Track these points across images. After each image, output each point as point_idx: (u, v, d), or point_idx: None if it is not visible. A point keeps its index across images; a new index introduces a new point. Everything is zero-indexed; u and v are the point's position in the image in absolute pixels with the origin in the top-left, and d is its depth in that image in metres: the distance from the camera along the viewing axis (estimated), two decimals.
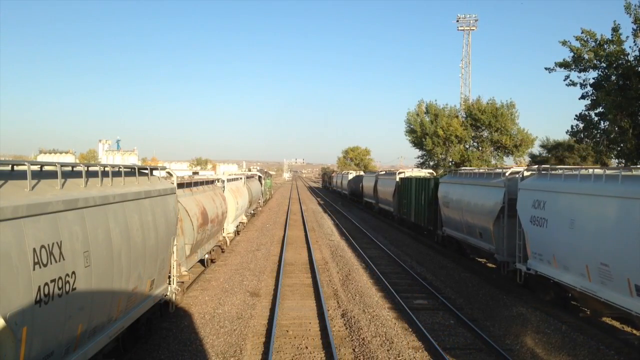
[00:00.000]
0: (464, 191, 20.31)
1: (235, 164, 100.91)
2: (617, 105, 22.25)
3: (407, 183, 32.24)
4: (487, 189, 18.00)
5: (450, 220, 22.08)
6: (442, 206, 22.99)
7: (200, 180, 19.25)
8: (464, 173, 21.60)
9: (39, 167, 6.75)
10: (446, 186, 22.99)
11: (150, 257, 9.42)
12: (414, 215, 30.25)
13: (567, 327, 12.19)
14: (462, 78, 64.87)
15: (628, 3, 22.14)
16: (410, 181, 31.45)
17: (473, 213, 18.94)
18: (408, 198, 31.56)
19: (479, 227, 18.39)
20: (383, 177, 42.28)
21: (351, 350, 10.76)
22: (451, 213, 21.74)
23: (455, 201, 21.17)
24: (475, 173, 20.30)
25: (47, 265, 5.80)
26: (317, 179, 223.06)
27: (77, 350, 6.79)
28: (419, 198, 28.95)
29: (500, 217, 16.56)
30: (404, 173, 36.11)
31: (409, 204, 31.49)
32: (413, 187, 30.29)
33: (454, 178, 22.57)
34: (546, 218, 13.45)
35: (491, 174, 18.50)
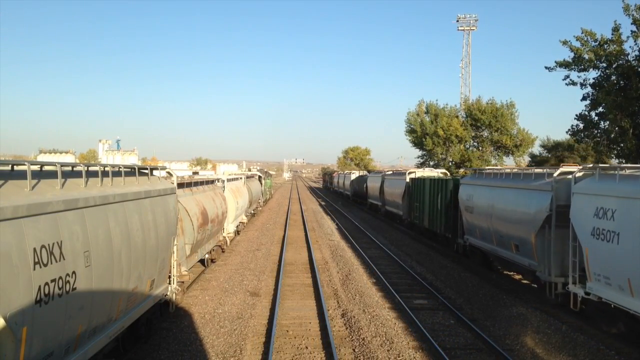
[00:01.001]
0: (493, 194, 17.25)
1: (235, 164, 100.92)
2: (617, 105, 22.26)
3: (419, 184, 28.85)
4: (527, 192, 15.04)
5: (475, 228, 19.12)
6: (464, 211, 20.03)
7: (201, 180, 19.25)
8: (494, 173, 18.40)
9: (39, 167, 6.75)
10: (469, 188, 19.96)
11: (150, 257, 9.42)
12: (427, 220, 26.85)
13: (567, 327, 12.18)
14: (462, 78, 64.95)
15: (627, 4, 22.18)
16: (423, 182, 27.99)
17: (507, 221, 16.08)
18: (420, 201, 28.13)
19: (515, 238, 15.47)
20: (391, 178, 38.56)
21: (351, 350, 10.76)
22: (476, 220, 18.86)
23: (481, 206, 18.20)
24: (509, 173, 17.25)
25: (48, 265, 5.80)
26: (317, 178, 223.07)
27: (77, 350, 6.79)
28: (433, 201, 25.54)
29: (545, 227, 13.76)
30: (414, 173, 32.55)
31: (421, 207, 28.10)
32: (427, 188, 26.98)
33: (480, 179, 19.32)
34: (617, 231, 10.64)
35: (530, 175, 15.72)
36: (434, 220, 25.66)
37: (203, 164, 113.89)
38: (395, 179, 36.26)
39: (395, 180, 36.09)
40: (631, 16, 22.25)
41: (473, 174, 20.88)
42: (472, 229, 19.56)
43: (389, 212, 38.56)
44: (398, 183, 34.66)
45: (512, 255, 15.95)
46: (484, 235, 18.19)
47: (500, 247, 16.81)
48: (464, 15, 65.41)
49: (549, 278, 13.76)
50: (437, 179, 26.21)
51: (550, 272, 13.74)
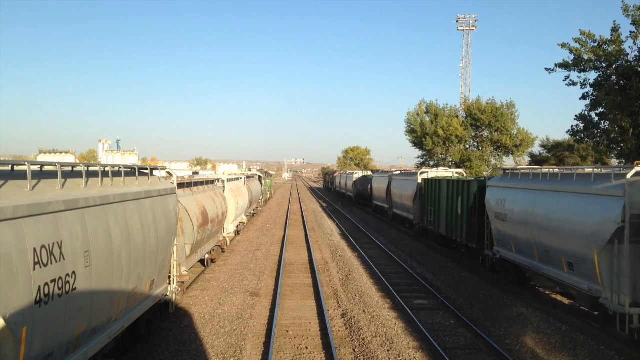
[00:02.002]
0: (535, 200, 14.38)
1: (236, 164, 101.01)
2: (617, 105, 22.27)
3: (433, 186, 25.83)
4: (585, 198, 12.22)
5: (508, 238, 16.25)
6: (494, 219, 17.21)
7: (201, 180, 19.26)
8: (534, 174, 15.51)
9: (39, 167, 6.75)
10: (500, 191, 16.97)
11: (150, 257, 9.42)
12: (445, 226, 23.67)
13: (567, 327, 12.18)
14: (462, 78, 64.99)
15: (626, 5, 22.20)
16: (439, 184, 24.92)
17: (554, 232, 13.20)
18: (436, 204, 25.06)
19: (568, 254, 12.61)
20: (399, 178, 35.43)
21: (351, 351, 10.76)
22: (509, 229, 16.00)
23: (517, 213, 15.33)
24: (555, 174, 14.27)
25: (48, 265, 5.80)
26: (317, 178, 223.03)
27: (77, 350, 6.79)
28: (452, 205, 22.37)
29: (614, 242, 10.96)
30: (427, 173, 29.55)
31: (436, 211, 25.00)
32: (443, 191, 23.93)
33: (514, 181, 16.38)
34: None
35: (588, 176, 12.75)
36: (453, 227, 22.44)
37: (203, 164, 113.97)
38: (405, 180, 33.18)
39: (405, 181, 33.04)
40: (631, 16, 22.26)
41: (504, 174, 17.89)
42: (504, 239, 16.63)
43: (397, 216, 35.57)
44: (408, 184, 31.64)
45: (561, 274, 13.05)
46: (521, 248, 15.33)
47: (545, 263, 13.91)
48: (463, 16, 65.54)
49: (619, 308, 10.86)
50: (457, 180, 22.77)
51: (621, 301, 10.88)
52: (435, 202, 25.13)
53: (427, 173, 29.59)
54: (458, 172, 30.73)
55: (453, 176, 26.91)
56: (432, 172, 29.96)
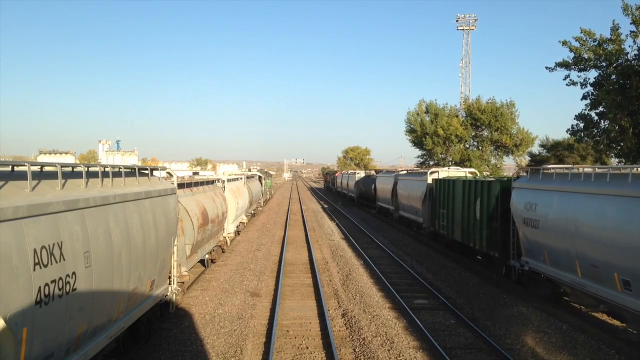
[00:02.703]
0: (577, 204, 12.47)
1: (236, 164, 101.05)
2: (617, 104, 22.27)
3: (446, 187, 23.61)
4: None
5: (540, 248, 14.19)
6: (522, 225, 15.16)
7: (201, 180, 19.26)
8: (574, 174, 13.47)
9: (39, 168, 6.75)
10: (529, 194, 14.95)
11: (150, 257, 9.42)
12: (460, 232, 21.54)
13: (567, 326, 12.18)
14: (462, 78, 65.01)
15: (626, 4, 22.20)
16: (453, 184, 22.75)
17: (606, 244, 11.20)
18: (448, 207, 22.97)
19: (624, 271, 10.65)
20: (406, 178, 33.10)
21: (352, 350, 10.76)
22: (543, 238, 13.99)
23: (554, 219, 13.34)
24: (602, 174, 12.11)
25: (48, 266, 5.80)
26: (317, 178, 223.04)
27: (78, 350, 6.79)
28: (469, 208, 20.31)
29: None
30: (437, 173, 27.49)
31: (450, 215, 22.82)
32: (458, 192, 21.77)
33: (547, 181, 14.33)
34: None
35: None
36: (470, 233, 20.31)
37: (203, 164, 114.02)
38: (413, 180, 30.96)
39: (413, 181, 30.81)
40: (630, 15, 22.27)
41: (533, 174, 15.71)
42: (535, 249, 14.57)
43: (404, 219, 33.43)
44: (416, 185, 29.50)
45: (613, 293, 11.14)
46: (558, 260, 13.33)
47: (590, 279, 11.95)
48: (463, 15, 65.64)
49: None
50: (475, 180, 20.72)
51: None
52: (448, 205, 23.03)
53: (438, 173, 27.53)
54: (471, 171, 28.82)
55: (466, 176, 25.17)
56: (442, 172, 27.89)
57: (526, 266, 15.25)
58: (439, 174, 27.02)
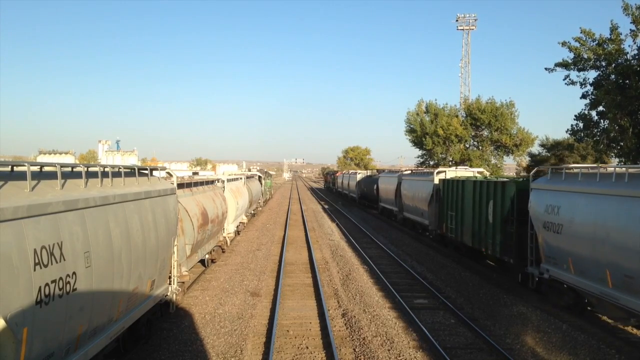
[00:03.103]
0: (607, 207, 11.42)
1: (235, 164, 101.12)
2: (616, 104, 22.28)
3: (455, 187, 22.34)
4: None
5: (563, 255, 13.13)
6: (541, 229, 14.04)
7: (201, 180, 19.27)
8: (603, 174, 12.36)
9: (39, 168, 6.75)
10: (550, 196, 13.85)
11: (150, 257, 9.43)
12: (470, 235, 20.29)
13: (567, 326, 12.18)
14: (461, 77, 65.07)
15: (626, 4, 22.22)
16: (462, 185, 21.52)
17: None
18: (457, 209, 21.67)
19: None
20: (411, 179, 31.61)
21: (352, 350, 10.76)
22: (567, 243, 12.86)
23: (580, 224, 12.34)
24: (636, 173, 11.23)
25: (48, 266, 5.80)
26: (317, 178, 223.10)
27: (78, 350, 6.79)
28: (480, 210, 19.10)
29: None
30: (444, 173, 26.23)
31: (459, 217, 21.56)
32: (468, 193, 20.60)
33: (572, 182, 13.16)
34: None
35: None
36: (482, 237, 19.02)
37: (203, 164, 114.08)
38: (418, 181, 29.54)
39: (419, 181, 29.40)
40: (631, 15, 22.28)
41: (554, 174, 14.56)
42: (557, 256, 13.50)
43: (408, 220, 32.25)
44: (422, 185, 28.11)
45: None
46: (585, 268, 12.30)
47: (623, 291, 10.87)
48: (463, 15, 65.71)
49: None
50: (487, 181, 19.33)
51: None
52: (457, 207, 21.72)
53: (445, 173, 26.23)
54: (479, 171, 27.71)
55: (475, 176, 24.04)
56: (450, 172, 26.57)
57: (546, 274, 14.08)
58: (446, 174, 25.76)
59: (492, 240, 17.99)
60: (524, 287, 15.72)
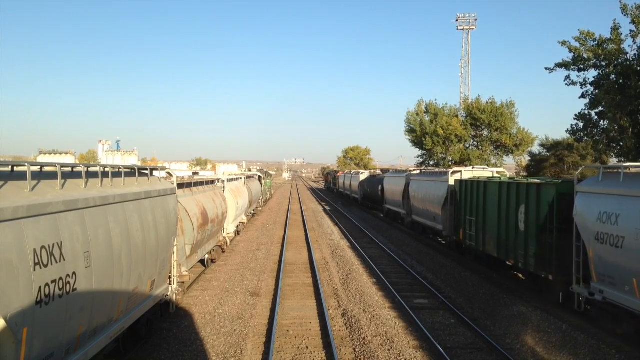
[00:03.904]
0: None
1: (235, 164, 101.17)
2: (616, 104, 22.29)
3: (474, 189, 19.97)
4: None
5: (624, 274, 10.79)
6: (594, 241, 11.72)
7: (200, 180, 19.27)
8: None
9: (39, 168, 6.76)
10: (604, 201, 11.63)
11: (150, 257, 9.43)
12: (495, 245, 17.78)
13: (567, 326, 12.18)
14: (461, 77, 65.14)
15: (624, 4, 22.24)
16: (483, 187, 19.03)
17: None
18: (478, 214, 19.38)
19: None
20: (422, 179, 29.10)
21: (352, 350, 10.77)
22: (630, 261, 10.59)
23: None
24: None
25: (48, 266, 5.80)
26: (317, 178, 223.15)
27: (78, 350, 6.79)
28: (508, 216, 16.65)
29: None
30: (460, 173, 23.97)
31: (479, 223, 19.21)
32: (492, 196, 18.18)
33: (634, 185, 10.93)
34: None
35: None
36: (509, 247, 16.60)
37: (203, 164, 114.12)
38: (430, 181, 26.98)
39: (430, 182, 26.91)
40: (630, 15, 22.29)
41: (608, 175, 12.16)
42: (615, 275, 11.20)
43: (418, 224, 29.98)
44: (435, 187, 25.63)
45: None
46: None
47: None
48: (463, 15, 65.80)
49: None
50: (518, 182, 16.70)
51: None
52: (478, 211, 19.39)
53: (461, 173, 24.03)
54: (499, 171, 25.16)
55: (500, 177, 21.88)
56: (466, 172, 24.35)
57: (598, 295, 11.73)
58: (462, 174, 23.51)
59: (523, 251, 15.55)
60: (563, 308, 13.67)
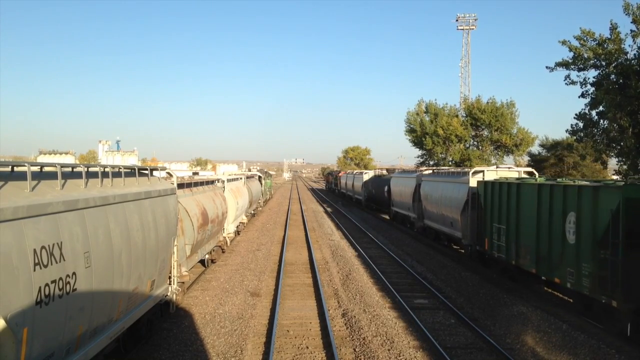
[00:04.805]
0: None
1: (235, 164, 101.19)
2: (616, 103, 22.28)
3: (502, 192, 17.32)
4: None
5: None
6: None
7: (201, 180, 19.26)
8: None
9: (39, 168, 6.76)
10: None
11: (150, 257, 9.43)
12: (532, 258, 15.09)
13: (567, 326, 12.18)
14: (461, 77, 65.15)
15: (627, 3, 22.22)
16: (517, 190, 16.30)
17: None
18: (510, 221, 16.67)
19: None
20: (435, 180, 26.41)
21: (352, 350, 10.77)
22: None
23: None
24: None
25: (48, 266, 5.80)
26: (317, 178, 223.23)
27: (78, 351, 6.79)
28: (550, 226, 14.08)
29: None
30: (482, 173, 21.34)
31: (512, 232, 16.51)
32: (528, 201, 15.53)
33: None
34: None
35: None
36: (552, 262, 14.04)
37: (203, 164, 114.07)
38: (447, 182, 24.18)
39: (446, 184, 24.10)
40: (631, 14, 22.28)
41: None
42: None
43: (430, 230, 27.50)
44: (452, 189, 22.88)
45: None
46: None
47: None
48: (463, 15, 65.86)
49: None
50: (564, 185, 13.91)
51: None
52: (509, 218, 16.77)
53: (483, 173, 21.36)
54: (527, 171, 21.84)
55: (537, 178, 18.74)
56: (489, 172, 21.55)
57: None
58: (484, 175, 21.05)
59: (574, 269, 12.98)
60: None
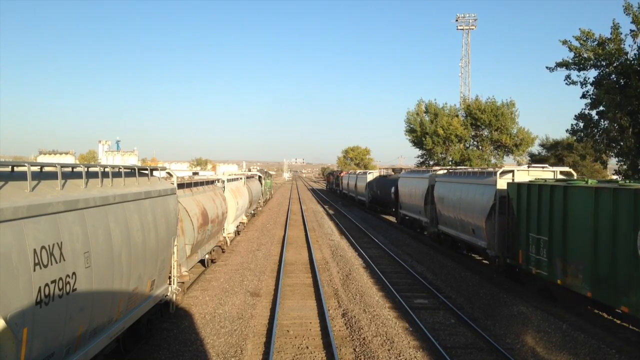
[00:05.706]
0: None
1: (235, 164, 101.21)
2: (616, 103, 22.29)
3: (545, 197, 14.48)
4: None
5: None
6: None
7: (201, 180, 19.26)
8: None
9: (39, 168, 6.76)
10: None
11: (150, 257, 9.43)
12: (588, 280, 12.48)
13: (567, 325, 12.18)
14: (461, 77, 65.21)
15: (628, 3, 22.23)
16: (563, 194, 13.62)
17: None
18: (553, 232, 13.99)
19: None
20: (452, 181, 23.06)
21: (352, 350, 10.77)
22: None
23: None
24: None
25: (48, 266, 5.80)
26: (317, 178, 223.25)
27: (78, 351, 6.79)
28: (614, 240, 11.53)
29: None
30: (512, 173, 18.42)
31: (557, 245, 13.81)
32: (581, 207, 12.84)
33: None
34: None
35: None
36: (619, 286, 11.43)
37: (203, 164, 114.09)
38: (467, 184, 20.89)
39: (467, 185, 20.83)
40: (631, 14, 22.28)
41: None
42: None
43: (447, 236, 24.09)
44: (474, 191, 19.76)
45: None
46: None
47: None
48: (463, 15, 65.94)
49: None
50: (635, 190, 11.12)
51: None
52: (553, 228, 14.07)
53: (513, 173, 18.40)
54: (564, 171, 18.77)
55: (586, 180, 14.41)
56: (520, 172, 18.66)
57: None
58: (514, 176, 18.18)
59: None
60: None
